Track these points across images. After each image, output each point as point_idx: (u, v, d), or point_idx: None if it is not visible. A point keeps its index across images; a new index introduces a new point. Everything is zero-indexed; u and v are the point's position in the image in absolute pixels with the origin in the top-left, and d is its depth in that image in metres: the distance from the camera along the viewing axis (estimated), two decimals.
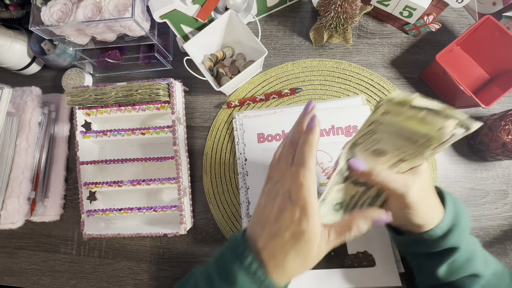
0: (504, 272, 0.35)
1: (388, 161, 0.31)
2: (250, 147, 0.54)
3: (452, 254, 0.32)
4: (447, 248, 0.32)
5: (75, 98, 0.53)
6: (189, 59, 0.54)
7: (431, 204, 0.32)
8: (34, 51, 0.60)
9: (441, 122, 0.26)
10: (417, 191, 0.30)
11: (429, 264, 0.35)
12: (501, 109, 0.49)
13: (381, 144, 0.31)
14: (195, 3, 0.48)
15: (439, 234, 0.32)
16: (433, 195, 0.33)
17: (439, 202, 0.33)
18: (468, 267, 0.32)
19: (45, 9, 0.49)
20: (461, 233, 0.32)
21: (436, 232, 0.32)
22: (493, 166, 0.51)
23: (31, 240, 0.59)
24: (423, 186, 0.30)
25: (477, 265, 0.32)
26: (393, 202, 0.32)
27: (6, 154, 0.53)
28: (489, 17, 0.47)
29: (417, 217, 0.31)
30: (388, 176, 0.30)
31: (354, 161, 0.32)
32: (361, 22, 0.58)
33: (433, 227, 0.32)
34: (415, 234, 0.34)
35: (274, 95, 0.56)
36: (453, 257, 0.32)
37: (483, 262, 0.33)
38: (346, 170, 0.34)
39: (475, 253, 0.33)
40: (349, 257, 0.48)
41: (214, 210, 0.55)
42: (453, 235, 0.32)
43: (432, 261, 0.34)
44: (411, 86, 0.55)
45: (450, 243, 0.32)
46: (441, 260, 0.33)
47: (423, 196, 0.31)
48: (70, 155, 0.61)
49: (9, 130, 0.54)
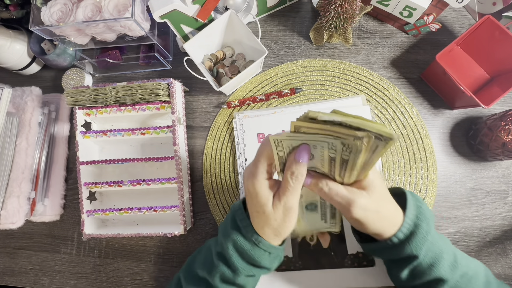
0: (478, 273, 0.34)
1: (335, 168, 0.30)
2: (250, 147, 0.54)
3: (411, 261, 0.32)
4: (405, 257, 0.32)
5: (75, 98, 0.53)
6: (189, 59, 0.54)
7: (385, 214, 0.31)
8: (34, 51, 0.60)
9: (353, 133, 0.25)
10: (365, 205, 0.29)
11: (393, 267, 0.35)
12: (501, 109, 0.49)
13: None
14: (195, 3, 0.48)
15: (396, 243, 0.32)
16: (388, 204, 0.32)
17: (396, 210, 0.32)
18: (431, 272, 0.32)
19: (45, 9, 0.49)
20: (421, 241, 0.31)
21: (393, 240, 0.32)
22: (493, 166, 0.51)
23: (31, 240, 0.59)
24: (373, 199, 0.30)
25: (441, 269, 0.32)
26: (345, 216, 0.33)
27: (6, 154, 0.53)
28: (489, 17, 0.47)
29: (369, 228, 0.31)
30: (331, 190, 0.30)
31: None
32: (361, 22, 0.58)
33: (389, 235, 0.32)
34: (374, 242, 0.34)
35: (274, 95, 0.56)
36: (413, 264, 0.32)
37: (450, 266, 0.32)
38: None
39: (439, 258, 0.32)
40: (349, 257, 0.48)
41: (214, 210, 0.55)
42: (411, 243, 0.31)
43: (395, 265, 0.35)
44: (411, 86, 0.55)
45: (408, 251, 0.31)
46: (402, 266, 0.33)
47: (374, 209, 0.30)
48: (70, 155, 0.61)
49: (9, 130, 0.54)
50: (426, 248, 0.31)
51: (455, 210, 0.51)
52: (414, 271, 0.33)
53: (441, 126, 0.53)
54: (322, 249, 0.49)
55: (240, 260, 0.35)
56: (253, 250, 0.34)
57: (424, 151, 0.52)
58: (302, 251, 0.49)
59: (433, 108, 0.54)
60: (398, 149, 0.53)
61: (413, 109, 0.54)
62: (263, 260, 0.35)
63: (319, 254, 0.48)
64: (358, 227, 0.33)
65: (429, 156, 0.52)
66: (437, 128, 0.53)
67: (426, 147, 0.52)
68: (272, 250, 0.34)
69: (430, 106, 0.54)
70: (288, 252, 0.49)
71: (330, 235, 0.49)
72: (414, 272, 0.33)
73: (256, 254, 0.34)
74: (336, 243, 0.49)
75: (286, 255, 0.49)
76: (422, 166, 0.52)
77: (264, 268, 0.36)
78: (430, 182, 0.51)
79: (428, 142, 0.52)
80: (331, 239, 0.49)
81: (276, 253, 0.35)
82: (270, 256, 0.35)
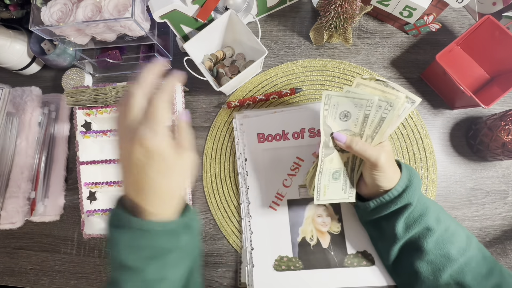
0: (458, 229, 0.40)
1: (363, 135, 0.40)
2: (250, 147, 0.54)
3: (406, 209, 0.39)
4: (402, 206, 0.40)
5: (75, 98, 0.53)
6: (189, 59, 0.54)
7: (393, 169, 0.40)
8: (34, 51, 0.60)
9: (395, 93, 0.38)
10: (385, 157, 0.38)
11: (389, 224, 0.42)
12: (501, 109, 0.49)
13: (342, 107, 0.39)
14: (195, 3, 0.48)
15: (396, 194, 0.39)
16: (394, 163, 0.41)
17: (397, 169, 0.41)
18: (421, 221, 0.39)
19: (45, 9, 0.49)
20: (413, 191, 0.39)
21: (394, 192, 0.39)
22: (493, 166, 0.51)
23: (31, 240, 0.59)
24: (387, 155, 0.39)
25: (429, 220, 0.39)
26: (366, 167, 0.40)
27: (6, 154, 0.53)
28: (489, 17, 0.47)
29: (384, 178, 0.39)
30: (364, 146, 0.39)
31: (337, 135, 0.40)
32: (361, 22, 0.58)
33: (392, 187, 0.40)
34: (378, 198, 0.41)
35: (274, 95, 0.56)
36: (408, 212, 0.39)
37: (435, 219, 0.39)
38: (329, 142, 0.41)
39: (427, 211, 0.39)
40: (348, 257, 0.48)
41: (214, 210, 0.55)
42: (407, 193, 0.39)
43: (391, 220, 0.41)
44: (411, 86, 0.55)
45: (405, 199, 0.39)
46: (398, 217, 0.40)
47: (388, 162, 0.39)
48: (70, 155, 0.61)
49: (9, 130, 0.54)
50: (417, 198, 0.40)
51: (455, 210, 0.51)
52: (408, 220, 0.40)
53: (441, 126, 0.53)
54: (322, 249, 0.49)
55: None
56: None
57: (424, 151, 0.52)
58: (302, 251, 0.49)
59: (433, 108, 0.54)
60: (398, 149, 0.53)
61: (413, 109, 0.54)
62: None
63: (319, 254, 0.48)
64: (372, 182, 0.40)
65: (429, 156, 0.52)
66: (437, 128, 0.53)
67: (426, 147, 0.52)
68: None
69: (430, 106, 0.54)
70: (289, 252, 0.49)
71: (330, 235, 0.49)
72: (408, 221, 0.40)
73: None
74: (336, 243, 0.49)
75: (286, 255, 0.49)
76: (422, 166, 0.52)
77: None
78: (430, 182, 0.51)
79: (428, 142, 0.52)
80: (331, 239, 0.49)
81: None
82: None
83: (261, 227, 0.51)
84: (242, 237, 0.52)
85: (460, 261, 0.38)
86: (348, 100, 0.38)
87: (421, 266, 0.39)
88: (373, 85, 0.39)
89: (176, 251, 0.31)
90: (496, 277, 0.37)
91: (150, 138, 0.27)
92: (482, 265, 0.38)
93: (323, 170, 0.41)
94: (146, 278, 0.29)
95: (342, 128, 0.40)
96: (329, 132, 0.40)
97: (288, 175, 0.52)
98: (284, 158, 0.53)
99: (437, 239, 0.39)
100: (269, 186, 0.52)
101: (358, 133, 0.40)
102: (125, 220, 0.29)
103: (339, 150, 0.42)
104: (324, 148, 0.40)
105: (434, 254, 0.39)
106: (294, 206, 0.51)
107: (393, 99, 0.36)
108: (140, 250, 0.29)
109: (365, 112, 0.38)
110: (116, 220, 0.30)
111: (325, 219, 0.50)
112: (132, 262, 0.29)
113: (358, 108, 0.38)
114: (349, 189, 0.44)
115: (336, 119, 0.40)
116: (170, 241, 0.31)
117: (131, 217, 0.29)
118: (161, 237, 0.30)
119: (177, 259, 0.31)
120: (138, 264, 0.29)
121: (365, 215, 0.45)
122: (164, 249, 0.30)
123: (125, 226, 0.29)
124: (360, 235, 0.48)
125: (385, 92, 0.38)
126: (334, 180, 0.43)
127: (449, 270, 0.38)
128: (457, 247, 0.38)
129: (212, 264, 0.53)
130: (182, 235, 0.32)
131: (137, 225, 0.29)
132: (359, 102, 0.38)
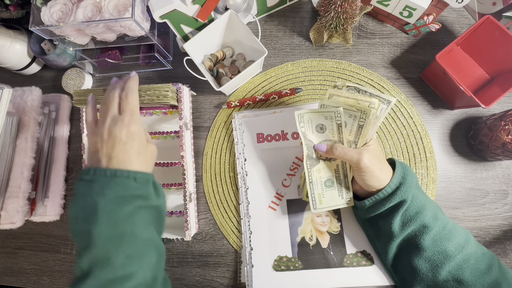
0: (456, 227, 0.40)
1: (346, 138, 0.43)
2: (250, 147, 0.54)
3: (402, 206, 0.40)
4: (397, 203, 0.40)
5: (82, 97, 0.52)
6: (189, 59, 0.54)
7: (382, 168, 0.40)
8: (34, 51, 0.60)
9: (368, 99, 0.39)
10: (369, 158, 0.39)
11: (385, 223, 0.42)
12: (501, 109, 0.49)
13: (316, 121, 0.43)
14: (195, 3, 0.48)
15: (390, 191, 0.40)
16: (384, 162, 0.42)
17: (389, 168, 0.41)
18: (418, 218, 0.40)
19: (45, 9, 0.49)
20: (407, 188, 0.39)
21: (388, 189, 0.40)
22: (493, 166, 0.51)
23: (31, 240, 0.59)
24: (371, 155, 0.40)
25: (426, 217, 0.39)
26: (353, 170, 0.42)
27: (6, 154, 0.53)
28: (489, 17, 0.47)
29: (371, 178, 0.40)
30: (343, 150, 0.41)
31: (317, 146, 0.43)
32: (361, 22, 0.58)
33: (385, 185, 0.40)
34: (373, 196, 0.41)
35: (274, 95, 0.56)
36: (403, 209, 0.40)
37: (432, 217, 0.40)
38: (312, 154, 0.44)
39: (423, 208, 0.40)
40: (348, 257, 0.48)
41: (214, 210, 0.55)
42: (401, 190, 0.39)
43: (387, 219, 0.41)
44: (411, 86, 0.55)
45: (399, 197, 0.39)
46: (394, 215, 0.40)
47: (374, 162, 0.40)
48: (70, 155, 0.61)
49: (9, 130, 0.54)
50: (412, 195, 0.40)
51: (455, 210, 0.51)
52: (404, 218, 0.40)
53: (441, 126, 0.53)
54: (321, 249, 0.49)
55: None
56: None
57: (424, 151, 0.52)
58: (302, 251, 0.49)
59: (433, 108, 0.54)
60: (398, 149, 0.53)
61: (413, 109, 0.54)
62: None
63: (318, 254, 0.48)
64: (362, 183, 0.41)
65: (429, 156, 0.52)
66: (437, 128, 0.53)
67: (426, 147, 0.52)
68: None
69: (430, 106, 0.54)
70: (288, 252, 0.49)
71: (329, 235, 0.49)
72: (404, 218, 0.40)
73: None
74: (335, 243, 0.49)
75: (285, 255, 0.49)
76: (422, 166, 0.52)
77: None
78: (430, 182, 0.51)
79: (428, 142, 0.52)
80: (330, 239, 0.49)
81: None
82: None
83: (261, 227, 0.51)
84: (242, 237, 0.52)
85: (458, 258, 0.38)
86: (319, 115, 0.42)
87: (419, 264, 0.40)
88: (345, 94, 0.40)
89: (145, 204, 0.37)
90: (495, 273, 0.37)
91: (133, 123, 0.38)
92: (481, 262, 0.38)
93: (313, 180, 0.44)
94: (117, 234, 0.33)
95: (322, 139, 0.44)
96: (311, 145, 0.44)
97: (288, 175, 0.52)
98: (284, 158, 0.53)
99: (434, 236, 0.39)
100: (268, 186, 0.52)
101: (338, 141, 0.43)
102: (99, 172, 0.35)
103: (326, 160, 0.45)
104: (308, 160, 0.44)
105: (431, 251, 0.39)
106: (293, 206, 0.51)
107: (366, 107, 0.39)
108: (114, 198, 0.34)
109: (336, 122, 0.42)
110: (88, 175, 0.35)
111: (324, 219, 0.50)
112: (104, 213, 0.33)
113: (329, 120, 0.42)
114: (345, 194, 0.45)
115: (314, 133, 0.44)
116: (140, 189, 0.36)
117: (106, 169, 0.35)
118: (132, 182, 0.35)
119: (146, 216, 0.37)
120: (112, 215, 0.33)
121: (362, 214, 0.45)
122: (134, 196, 0.35)
123: (100, 175, 0.35)
124: (359, 235, 0.48)
125: (358, 100, 0.40)
126: (328, 188, 0.45)
127: (447, 266, 0.38)
128: (455, 244, 0.39)
129: (212, 264, 0.53)
130: (150, 188, 0.37)
131: (110, 172, 0.35)
132: (328, 114, 0.42)
